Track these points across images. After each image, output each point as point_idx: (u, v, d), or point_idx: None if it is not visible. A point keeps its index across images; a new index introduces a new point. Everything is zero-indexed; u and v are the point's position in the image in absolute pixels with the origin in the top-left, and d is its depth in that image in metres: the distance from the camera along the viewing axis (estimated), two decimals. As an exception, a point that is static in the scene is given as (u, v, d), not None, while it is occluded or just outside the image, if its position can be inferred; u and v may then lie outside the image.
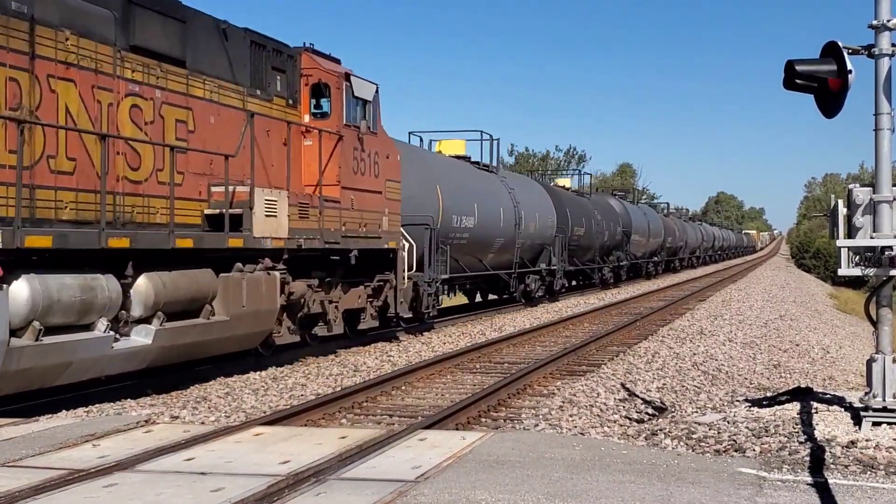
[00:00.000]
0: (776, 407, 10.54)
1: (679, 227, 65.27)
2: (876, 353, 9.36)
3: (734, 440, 9.13)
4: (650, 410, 11.75)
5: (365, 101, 17.11)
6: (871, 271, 9.48)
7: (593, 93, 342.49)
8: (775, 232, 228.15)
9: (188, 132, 13.09)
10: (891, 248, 9.25)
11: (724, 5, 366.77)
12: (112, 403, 11.47)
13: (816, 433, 9.10)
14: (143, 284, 11.84)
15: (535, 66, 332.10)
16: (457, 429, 10.27)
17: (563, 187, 39.95)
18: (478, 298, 31.65)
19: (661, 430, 9.86)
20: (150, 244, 11.86)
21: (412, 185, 20.37)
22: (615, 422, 10.83)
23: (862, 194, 9.50)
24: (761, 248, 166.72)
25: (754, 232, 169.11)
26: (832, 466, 7.93)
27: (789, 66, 9.42)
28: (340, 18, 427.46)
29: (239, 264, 13.75)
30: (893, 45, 9.33)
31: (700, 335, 20.96)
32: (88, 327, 11.01)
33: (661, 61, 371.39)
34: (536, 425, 10.46)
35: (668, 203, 76.68)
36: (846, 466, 7.92)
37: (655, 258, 53.59)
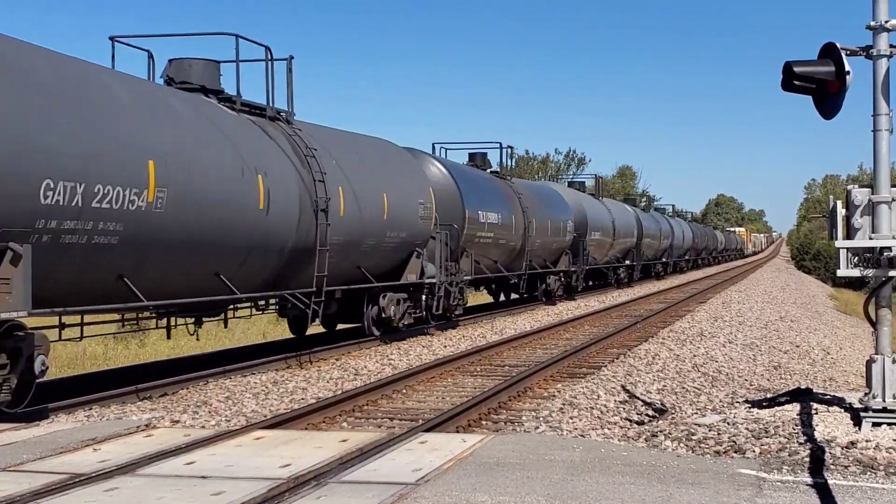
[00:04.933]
0: (776, 408, 10.54)
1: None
2: (875, 353, 9.37)
3: (734, 441, 9.13)
4: (650, 412, 11.76)
5: None
6: (870, 272, 9.49)
7: (593, 95, 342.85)
8: (775, 234, 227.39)
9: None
10: (889, 248, 9.26)
11: (722, 7, 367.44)
12: (112, 408, 11.48)
13: (816, 434, 9.11)
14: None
15: (534, 68, 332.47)
16: (457, 431, 10.28)
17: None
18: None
19: (661, 431, 9.87)
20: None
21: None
22: (615, 424, 10.84)
23: (860, 195, 9.51)
24: (754, 252, 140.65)
25: (741, 229, 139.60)
26: (832, 467, 7.94)
27: (787, 67, 9.43)
28: (336, 22, 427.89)
29: None
30: (891, 45, 9.35)
31: (700, 337, 20.97)
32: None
33: (661, 63, 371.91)
34: (537, 427, 10.46)
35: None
36: (846, 467, 7.93)
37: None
